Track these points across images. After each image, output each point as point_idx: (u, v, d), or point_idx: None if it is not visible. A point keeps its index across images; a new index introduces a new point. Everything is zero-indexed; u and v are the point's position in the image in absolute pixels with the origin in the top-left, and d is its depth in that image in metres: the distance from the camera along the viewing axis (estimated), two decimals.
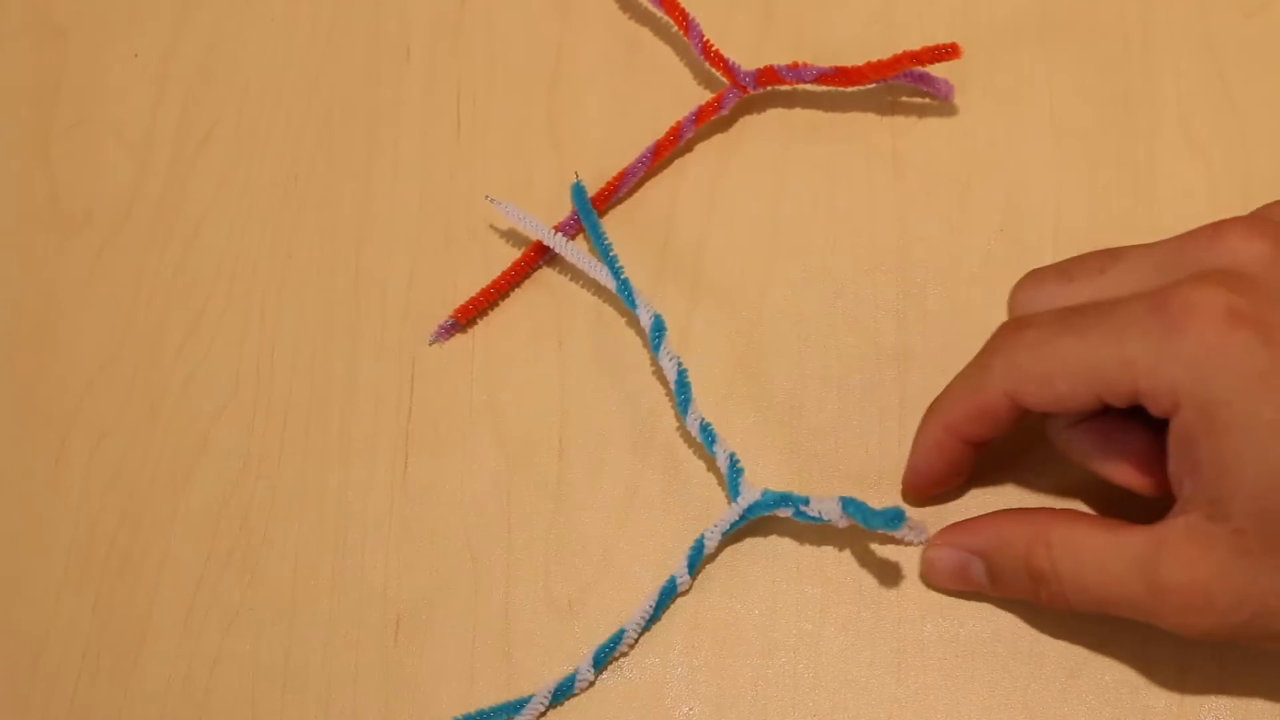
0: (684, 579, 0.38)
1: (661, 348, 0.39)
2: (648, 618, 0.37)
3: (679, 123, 0.43)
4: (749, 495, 0.37)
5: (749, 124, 0.44)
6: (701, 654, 0.38)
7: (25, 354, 0.43)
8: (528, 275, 0.43)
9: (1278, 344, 0.30)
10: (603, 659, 0.37)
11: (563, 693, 0.37)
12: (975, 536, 0.36)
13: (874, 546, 0.38)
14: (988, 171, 0.43)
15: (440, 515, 0.40)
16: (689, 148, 0.44)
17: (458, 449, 0.41)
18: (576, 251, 0.41)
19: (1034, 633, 0.37)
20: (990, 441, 0.36)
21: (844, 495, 0.36)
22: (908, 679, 0.37)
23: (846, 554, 0.38)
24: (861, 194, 0.43)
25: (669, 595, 0.38)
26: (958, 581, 0.37)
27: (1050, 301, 0.35)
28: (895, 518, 0.35)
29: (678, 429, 0.40)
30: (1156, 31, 0.44)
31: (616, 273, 0.40)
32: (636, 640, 0.38)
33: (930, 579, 0.38)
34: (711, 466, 0.40)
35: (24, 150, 0.46)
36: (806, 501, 0.37)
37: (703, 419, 0.38)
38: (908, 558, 0.38)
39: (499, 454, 0.40)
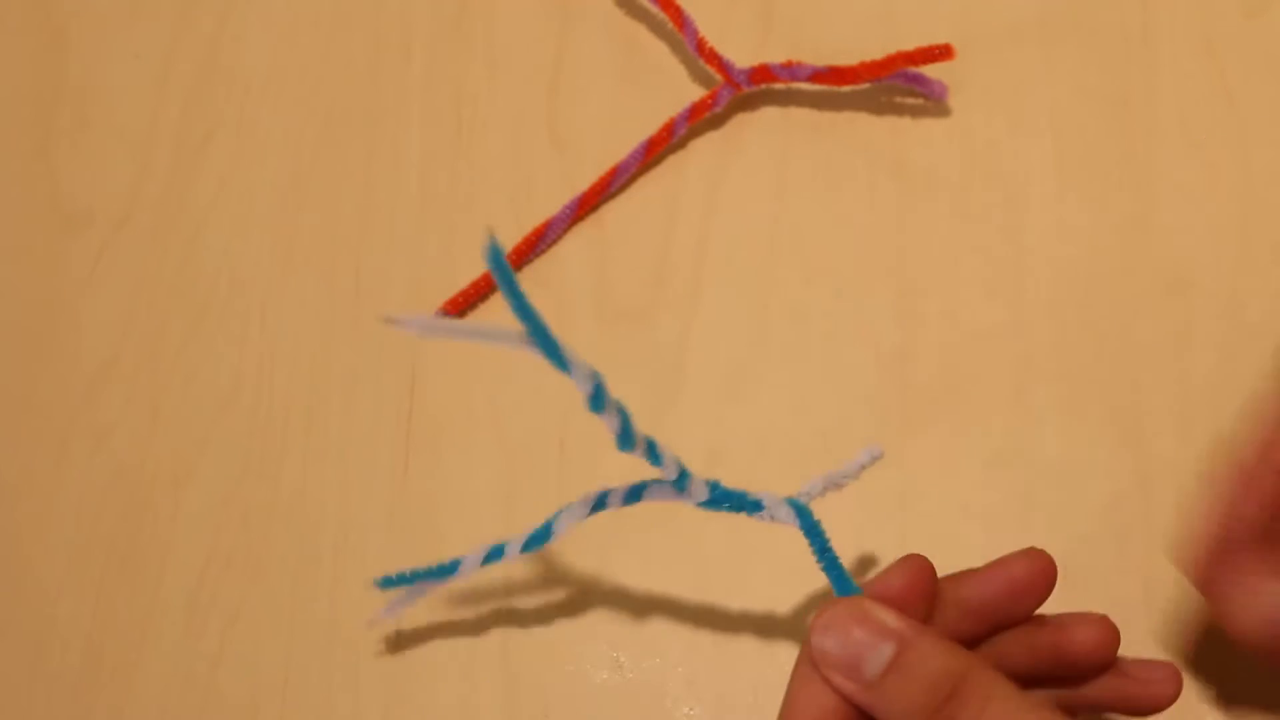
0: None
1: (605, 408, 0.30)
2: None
3: (672, 119, 0.43)
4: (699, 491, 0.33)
5: (746, 123, 0.44)
6: (701, 654, 0.38)
7: (26, 354, 0.43)
8: (519, 269, 0.43)
9: None
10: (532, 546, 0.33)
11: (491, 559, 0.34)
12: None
13: (871, 551, 0.38)
14: (987, 171, 0.43)
15: (440, 515, 0.40)
16: (683, 144, 0.44)
17: (458, 449, 0.41)
18: (479, 329, 0.28)
19: None
20: None
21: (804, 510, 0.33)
22: None
23: (845, 555, 0.38)
24: (861, 194, 0.43)
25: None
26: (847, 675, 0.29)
27: None
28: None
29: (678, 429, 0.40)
30: (1156, 31, 0.44)
31: (541, 332, 0.28)
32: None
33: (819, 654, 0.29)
34: (710, 467, 0.40)
35: (25, 150, 0.46)
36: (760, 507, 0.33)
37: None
38: None
39: (499, 454, 0.41)
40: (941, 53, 0.41)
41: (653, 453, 0.32)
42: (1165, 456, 0.39)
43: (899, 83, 0.43)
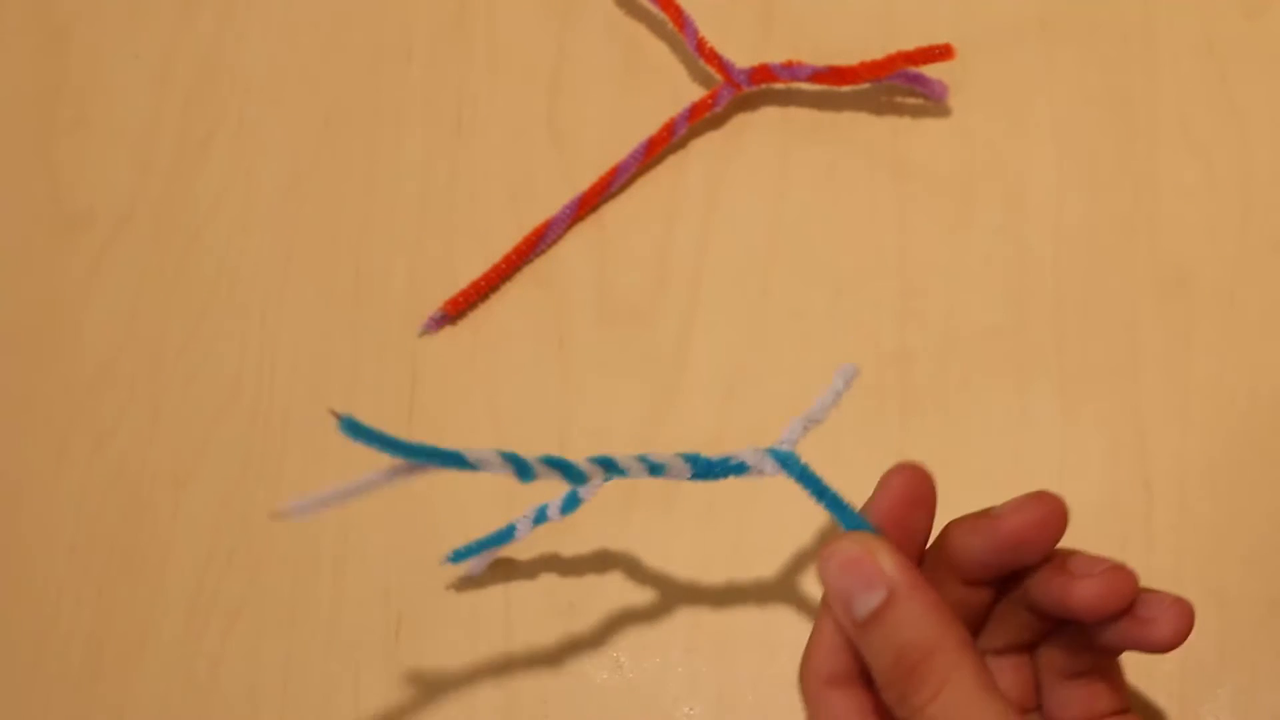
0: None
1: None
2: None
3: (672, 119, 0.43)
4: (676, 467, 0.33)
5: (746, 123, 0.44)
6: (701, 654, 0.38)
7: (27, 354, 0.43)
8: (519, 269, 0.43)
9: None
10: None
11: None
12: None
13: None
14: (987, 171, 0.43)
15: (440, 516, 0.40)
16: (683, 144, 0.44)
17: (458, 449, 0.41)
18: (372, 482, 0.31)
19: None
20: None
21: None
22: None
23: None
24: (861, 194, 0.43)
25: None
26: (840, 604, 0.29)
27: None
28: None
29: (678, 428, 0.40)
30: (1156, 31, 0.44)
31: (446, 457, 0.31)
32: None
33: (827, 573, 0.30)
34: None
35: (25, 150, 0.46)
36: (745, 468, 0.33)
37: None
38: None
39: None
40: (941, 53, 0.41)
41: (614, 469, 0.33)
42: (1165, 456, 0.39)
43: (899, 83, 0.43)
